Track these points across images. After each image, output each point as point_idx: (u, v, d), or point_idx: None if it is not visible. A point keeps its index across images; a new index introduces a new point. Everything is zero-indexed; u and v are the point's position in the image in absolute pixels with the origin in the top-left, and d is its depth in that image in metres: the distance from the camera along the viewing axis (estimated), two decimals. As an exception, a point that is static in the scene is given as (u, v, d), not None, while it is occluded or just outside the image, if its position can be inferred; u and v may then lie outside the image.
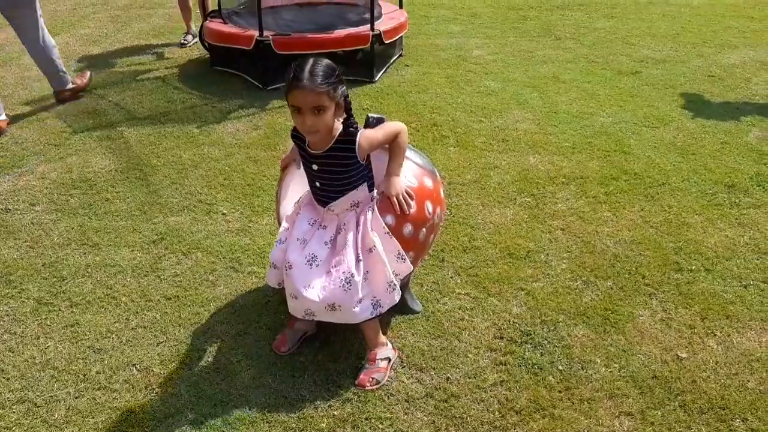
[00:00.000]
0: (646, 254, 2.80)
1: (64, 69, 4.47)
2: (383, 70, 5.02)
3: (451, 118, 4.23)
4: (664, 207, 3.17)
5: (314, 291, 2.03)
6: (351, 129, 2.06)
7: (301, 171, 2.38)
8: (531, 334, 2.35)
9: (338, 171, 2.08)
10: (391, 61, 5.24)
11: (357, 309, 2.03)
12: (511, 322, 2.41)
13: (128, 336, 2.37)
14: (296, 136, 2.14)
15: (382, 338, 2.20)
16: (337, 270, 2.04)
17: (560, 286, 2.61)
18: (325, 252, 2.09)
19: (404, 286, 2.41)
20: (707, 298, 2.52)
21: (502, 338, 2.33)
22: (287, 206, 2.33)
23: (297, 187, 2.37)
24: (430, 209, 2.20)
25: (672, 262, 2.74)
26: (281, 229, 2.22)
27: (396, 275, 2.11)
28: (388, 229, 2.08)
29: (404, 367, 2.21)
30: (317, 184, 2.13)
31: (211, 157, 3.73)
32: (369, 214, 2.10)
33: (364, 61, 4.84)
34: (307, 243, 2.12)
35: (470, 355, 2.25)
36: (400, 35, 5.17)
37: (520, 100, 4.56)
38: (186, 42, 5.79)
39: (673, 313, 2.45)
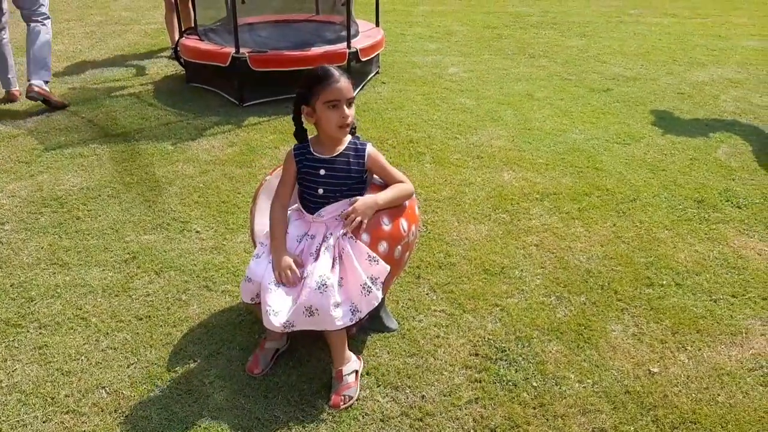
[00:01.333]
0: (618, 269, 2.83)
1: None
2: (359, 88, 5.05)
3: (426, 135, 4.26)
4: (636, 222, 3.21)
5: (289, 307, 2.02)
6: (354, 128, 2.24)
7: (275, 187, 2.38)
8: (506, 351, 2.35)
9: (344, 177, 2.16)
10: (368, 78, 5.27)
11: (335, 313, 2.00)
12: (486, 339, 2.41)
13: (98, 358, 2.33)
14: (298, 148, 2.21)
15: (348, 352, 2.18)
16: (312, 274, 2.03)
17: (534, 302, 2.63)
18: (312, 266, 2.08)
19: (380, 304, 2.40)
20: (678, 313, 2.55)
21: (477, 355, 2.34)
22: (263, 224, 2.31)
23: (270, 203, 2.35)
24: (405, 227, 2.20)
25: (643, 277, 2.78)
26: (259, 245, 2.21)
27: (375, 279, 2.09)
28: (351, 234, 2.09)
29: (379, 386, 2.19)
30: (320, 191, 2.16)
31: (185, 174, 3.70)
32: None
33: (340, 78, 4.85)
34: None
35: (445, 373, 2.25)
36: (376, 53, 5.22)
37: (494, 117, 4.61)
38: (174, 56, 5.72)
39: (645, 328, 2.48)
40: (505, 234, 3.12)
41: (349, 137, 2.24)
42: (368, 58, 5.00)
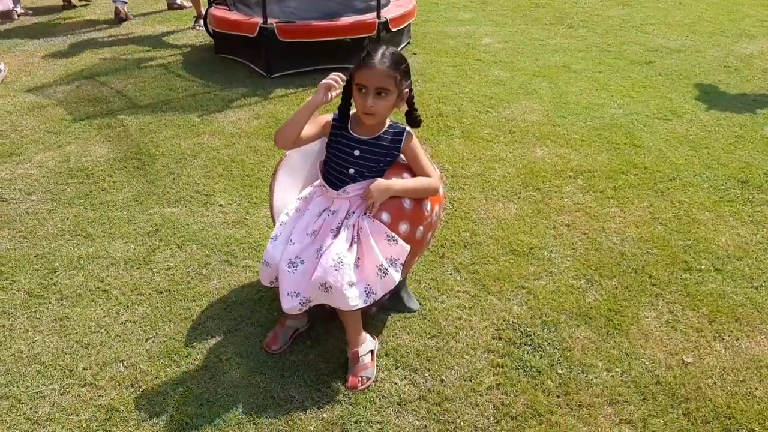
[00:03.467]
0: (654, 252, 2.70)
1: None
2: (390, 59, 4.91)
3: (457, 108, 4.13)
4: (674, 203, 3.06)
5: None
6: (417, 119, 2.16)
7: (297, 163, 2.32)
8: (530, 335, 2.27)
9: (378, 160, 2.08)
10: (399, 48, 5.12)
11: (349, 293, 1.93)
12: (511, 322, 2.33)
13: (117, 331, 2.32)
14: (337, 119, 2.12)
15: (363, 332, 2.12)
16: (329, 251, 1.96)
17: (563, 284, 2.52)
18: (329, 241, 2.01)
19: (401, 283, 2.34)
20: (716, 300, 2.42)
21: (500, 339, 2.26)
22: (282, 199, 2.25)
23: (292, 179, 2.29)
24: (428, 207, 2.11)
25: (680, 261, 2.64)
26: (277, 224, 2.15)
27: (394, 260, 2.01)
28: (370, 213, 2.02)
29: (398, 368, 2.14)
30: (351, 170, 2.07)
31: (210, 146, 3.67)
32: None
33: (370, 49, 4.73)
34: (315, 236, 2.04)
35: (467, 357, 2.18)
36: (407, 23, 5.07)
37: (529, 90, 4.45)
38: (199, 26, 5.72)
39: (680, 315, 2.36)
40: (535, 213, 3.00)
41: (389, 121, 2.12)
42: (399, 28, 4.86)
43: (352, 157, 2.08)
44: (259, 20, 4.52)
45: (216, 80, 4.64)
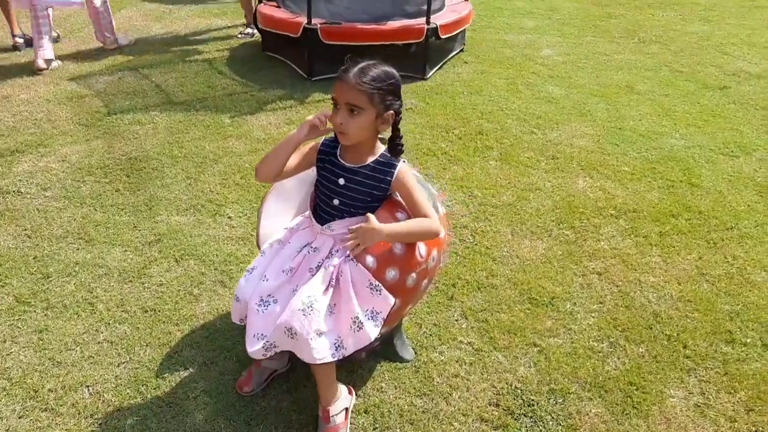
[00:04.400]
0: (694, 317, 2.36)
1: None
2: (438, 66, 4.67)
3: (500, 127, 3.85)
4: (728, 258, 2.69)
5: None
6: (398, 147, 1.87)
7: (289, 188, 2.13)
8: (533, 405, 2.00)
9: (365, 192, 1.85)
10: (449, 56, 4.87)
11: (315, 344, 1.72)
12: (513, 387, 2.06)
13: (92, 351, 2.20)
14: (327, 144, 1.92)
15: (337, 386, 1.90)
16: (300, 292, 1.76)
17: (581, 346, 2.23)
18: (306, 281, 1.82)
19: (395, 329, 2.11)
20: (758, 384, 2.07)
21: (497, 405, 2.00)
22: (271, 227, 2.07)
23: (283, 205, 2.11)
24: (423, 252, 1.87)
25: (723, 331, 2.30)
26: (259, 255, 1.97)
27: (374, 312, 1.79)
28: (353, 257, 1.80)
29: (376, 428, 1.92)
30: (335, 201, 1.87)
31: (234, 151, 3.54)
32: None
33: (417, 56, 4.50)
34: (293, 274, 1.86)
35: (455, 424, 1.93)
36: (460, 30, 4.79)
37: (582, 110, 4.10)
38: (243, 35, 5.45)
39: (713, 399, 2.03)
40: (565, 255, 2.70)
41: (382, 147, 1.90)
42: (450, 35, 4.59)
43: (338, 187, 1.87)
44: (304, 20, 4.36)
45: (256, 80, 4.52)
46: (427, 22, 4.38)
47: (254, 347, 1.80)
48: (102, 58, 4.86)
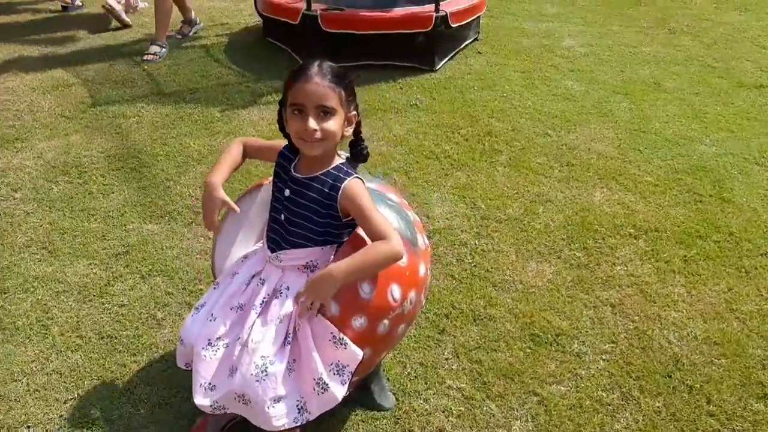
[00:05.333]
0: (721, 363, 2.06)
1: None
2: (448, 57, 4.34)
3: (511, 127, 3.53)
4: (762, 290, 2.37)
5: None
6: (364, 151, 1.69)
7: (253, 211, 1.87)
8: (528, 471, 1.73)
9: (307, 207, 1.60)
10: (462, 46, 4.53)
11: (273, 411, 1.48)
12: (506, 446, 1.79)
13: (39, 383, 1.97)
14: (285, 154, 1.69)
15: None
16: (252, 353, 1.51)
17: (588, 396, 1.95)
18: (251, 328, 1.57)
19: (372, 373, 1.85)
20: (797, 454, 1.78)
21: (486, 469, 1.73)
22: (228, 255, 1.82)
23: (243, 232, 1.85)
24: (397, 295, 1.59)
25: (755, 383, 1.99)
26: (210, 289, 1.74)
27: (340, 366, 1.54)
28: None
29: (343, 495, 1.67)
30: (282, 216, 1.63)
31: (220, 150, 3.26)
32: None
33: (425, 46, 4.17)
34: (243, 310, 1.62)
35: (435, 492, 1.67)
36: (473, 17, 4.44)
37: (603, 110, 3.76)
38: (179, 35, 4.71)
39: (741, 471, 1.74)
40: (575, 282, 2.41)
41: (340, 159, 1.65)
42: (461, 23, 4.25)
43: (284, 198, 1.63)
44: (303, 5, 4.06)
45: (253, 69, 4.23)
46: (436, 10, 4.04)
47: (203, 400, 1.56)
48: (96, 42, 4.61)
